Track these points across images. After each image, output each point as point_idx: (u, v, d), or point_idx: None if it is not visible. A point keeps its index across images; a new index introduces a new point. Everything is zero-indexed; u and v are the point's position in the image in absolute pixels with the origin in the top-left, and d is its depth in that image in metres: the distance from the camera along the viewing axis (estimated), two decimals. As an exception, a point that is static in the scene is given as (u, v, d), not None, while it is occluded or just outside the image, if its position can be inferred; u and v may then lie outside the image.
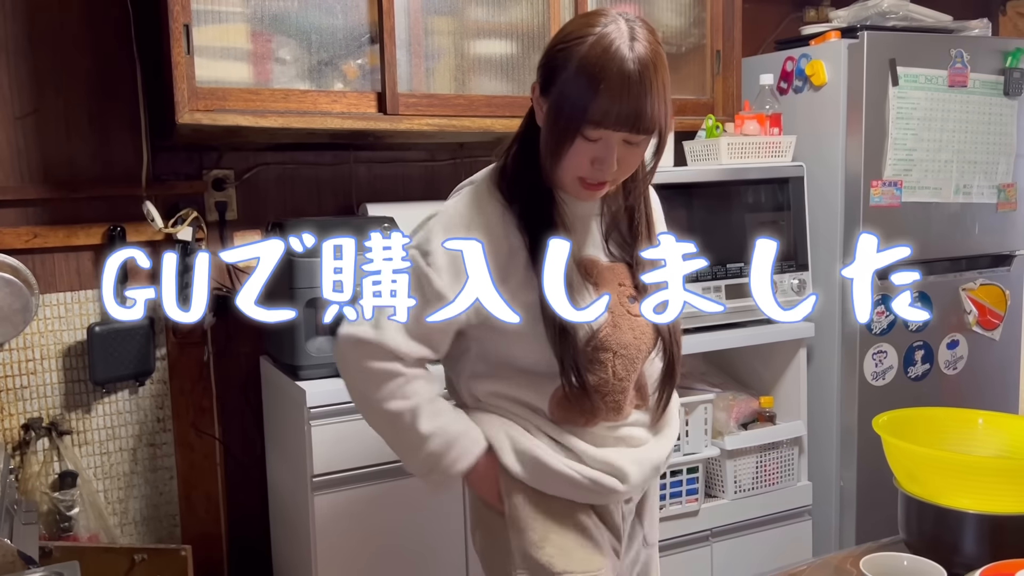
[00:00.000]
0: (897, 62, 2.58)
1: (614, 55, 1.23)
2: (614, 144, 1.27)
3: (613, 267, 1.42)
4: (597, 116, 1.24)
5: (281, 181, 2.58)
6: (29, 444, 2.31)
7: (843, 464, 2.71)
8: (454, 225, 1.35)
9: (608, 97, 1.23)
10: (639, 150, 1.31)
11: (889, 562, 1.20)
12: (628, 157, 1.31)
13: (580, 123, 1.25)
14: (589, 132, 1.26)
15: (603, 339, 1.36)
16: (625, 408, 1.43)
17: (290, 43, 2.18)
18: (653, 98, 1.24)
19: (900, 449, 1.36)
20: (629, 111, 1.24)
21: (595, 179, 1.31)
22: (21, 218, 2.30)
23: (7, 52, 2.25)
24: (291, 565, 2.39)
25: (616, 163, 1.28)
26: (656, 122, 1.27)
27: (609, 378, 1.38)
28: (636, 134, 1.27)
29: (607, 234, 1.44)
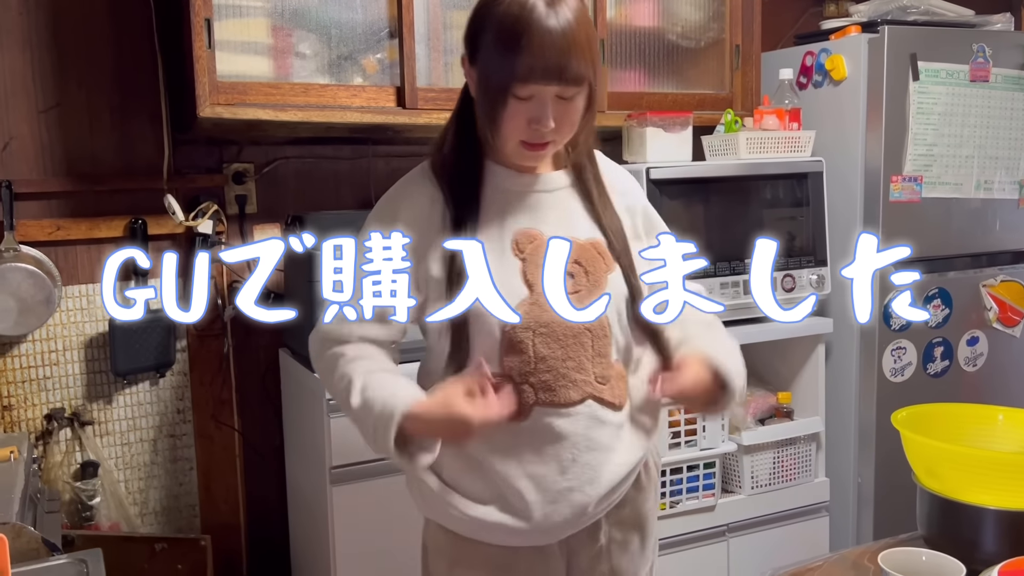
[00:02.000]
0: (918, 57, 2.57)
1: (531, 10, 1.23)
2: (547, 100, 1.26)
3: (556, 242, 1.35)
4: (523, 73, 1.23)
5: (300, 175, 2.60)
6: (52, 434, 2.34)
7: (861, 461, 2.70)
8: (381, 210, 1.40)
9: (531, 52, 1.23)
10: (574, 106, 1.29)
11: (908, 557, 1.20)
12: (564, 113, 1.29)
13: (509, 83, 1.25)
14: (519, 90, 1.25)
15: (521, 315, 1.30)
16: (563, 392, 1.32)
17: (310, 37, 2.19)
18: (576, 49, 1.24)
19: (919, 444, 1.35)
20: (554, 64, 1.23)
21: (535, 139, 1.30)
22: (44, 211, 2.32)
23: (31, 46, 2.27)
24: (309, 556, 2.41)
25: (553, 120, 1.27)
26: (584, 75, 1.26)
27: (530, 358, 1.31)
28: (565, 86, 1.25)
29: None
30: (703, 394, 1.34)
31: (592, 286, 1.33)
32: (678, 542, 2.42)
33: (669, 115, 2.41)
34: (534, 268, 1.31)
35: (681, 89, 2.66)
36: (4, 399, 2.31)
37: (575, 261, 1.33)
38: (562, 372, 1.31)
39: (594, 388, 1.34)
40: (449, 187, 1.37)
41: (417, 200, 1.37)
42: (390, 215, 1.37)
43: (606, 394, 1.35)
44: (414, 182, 1.41)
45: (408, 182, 1.42)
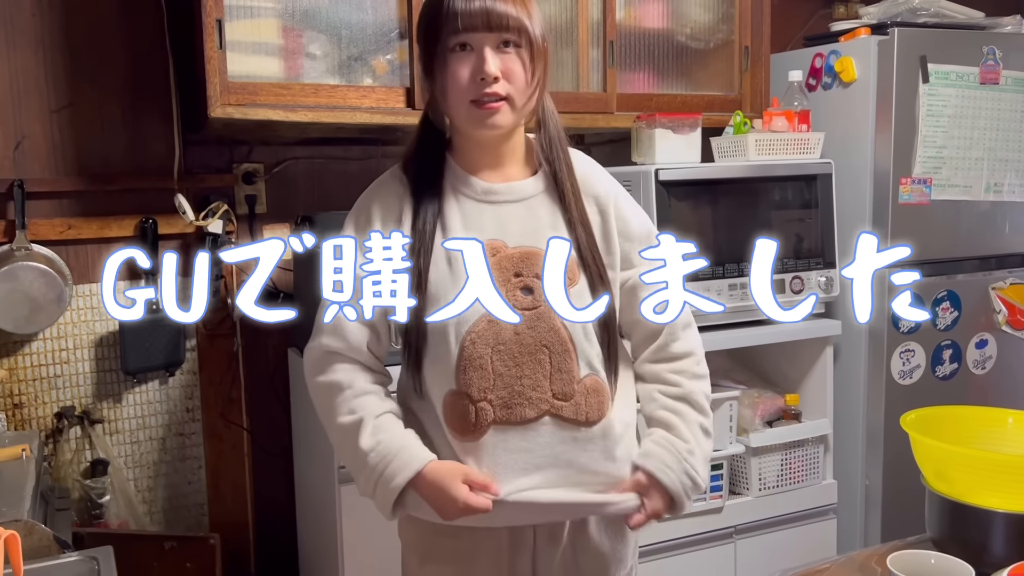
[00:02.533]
0: (928, 59, 2.56)
1: None
2: (484, 50, 1.28)
3: (519, 254, 1.34)
4: (452, 23, 1.27)
5: (310, 175, 2.61)
6: (62, 432, 2.35)
7: (869, 463, 2.69)
8: (355, 213, 1.41)
9: (457, 4, 1.27)
10: (517, 58, 1.30)
11: (917, 560, 1.20)
12: (509, 66, 1.30)
13: (441, 38, 1.28)
14: (451, 40, 1.28)
15: (479, 332, 1.30)
16: (519, 409, 1.31)
17: (320, 38, 2.20)
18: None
19: (928, 447, 1.35)
20: (479, 8, 1.26)
21: (482, 93, 1.29)
22: (56, 210, 2.34)
23: (44, 47, 2.28)
24: (317, 554, 2.42)
25: (496, 68, 1.28)
26: (516, 20, 1.28)
27: (489, 374, 1.30)
28: (499, 32, 1.28)
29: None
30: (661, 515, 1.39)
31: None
32: (685, 544, 2.42)
33: (678, 116, 2.41)
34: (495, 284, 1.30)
35: (690, 91, 2.66)
36: (15, 397, 2.32)
37: (536, 275, 1.32)
38: (517, 390, 1.31)
39: (551, 405, 1.32)
40: (415, 191, 1.37)
41: (387, 200, 1.38)
42: (364, 217, 1.38)
43: (566, 411, 1.33)
44: (384, 183, 1.42)
45: (379, 184, 1.43)
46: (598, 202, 1.41)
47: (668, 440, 1.39)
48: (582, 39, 2.46)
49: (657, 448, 1.38)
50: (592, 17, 2.47)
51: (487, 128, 1.33)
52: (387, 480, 1.31)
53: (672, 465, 1.36)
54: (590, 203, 1.40)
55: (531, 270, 1.32)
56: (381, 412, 1.35)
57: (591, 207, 1.40)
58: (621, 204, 1.44)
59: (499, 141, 1.38)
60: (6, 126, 2.27)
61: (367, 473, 1.33)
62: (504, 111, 1.32)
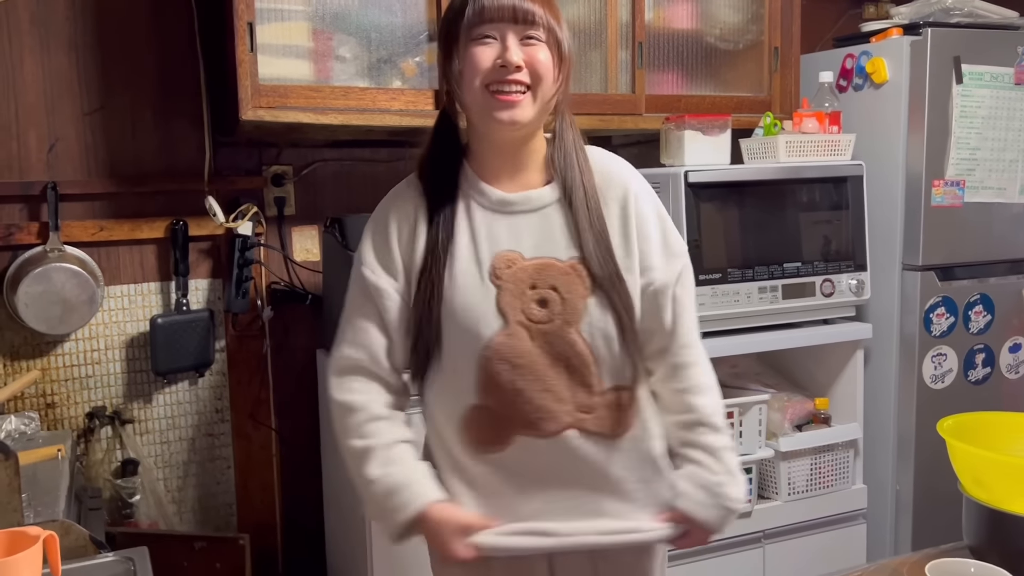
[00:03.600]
0: (962, 59, 2.53)
1: None
2: (509, 41, 1.26)
3: (534, 266, 1.31)
4: (476, 14, 1.26)
5: (338, 177, 2.62)
6: (93, 432, 2.38)
7: (900, 468, 2.67)
8: (374, 223, 1.39)
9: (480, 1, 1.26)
10: (540, 51, 1.28)
11: (956, 568, 1.18)
12: (531, 57, 1.27)
13: (466, 28, 1.27)
14: (476, 31, 1.26)
15: (496, 347, 1.28)
16: (542, 424, 1.30)
17: (350, 41, 2.21)
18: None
19: (967, 454, 1.33)
20: (507, 3, 1.25)
21: (503, 79, 1.26)
22: (88, 212, 2.36)
23: (76, 50, 2.31)
24: (346, 555, 2.42)
25: (519, 58, 1.26)
26: (540, 16, 1.26)
27: (507, 391, 1.29)
28: (523, 25, 1.26)
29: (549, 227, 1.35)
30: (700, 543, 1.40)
31: (568, 315, 1.29)
32: (713, 548, 2.41)
33: (707, 118, 2.39)
34: (510, 297, 1.29)
35: (719, 92, 2.65)
36: (48, 397, 2.35)
37: (551, 287, 1.29)
38: (539, 404, 1.29)
39: (575, 418, 1.30)
40: (431, 200, 1.35)
41: (402, 211, 1.36)
42: (382, 234, 1.37)
43: (590, 424, 1.31)
44: (399, 194, 1.39)
45: (395, 195, 1.40)
46: (620, 202, 1.36)
47: (698, 477, 1.36)
48: (611, 40, 2.46)
49: (689, 487, 1.36)
50: (621, 18, 2.46)
51: (504, 123, 1.28)
52: (391, 514, 1.32)
53: (706, 502, 1.35)
54: (611, 205, 1.36)
55: (547, 282, 1.29)
56: (392, 441, 1.34)
57: (612, 208, 1.36)
58: (642, 204, 1.37)
59: (517, 145, 1.34)
60: (40, 129, 2.29)
61: (371, 502, 1.35)
62: (524, 104, 1.28)
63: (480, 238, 1.32)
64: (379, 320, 1.35)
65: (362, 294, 1.36)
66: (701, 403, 1.38)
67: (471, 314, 1.28)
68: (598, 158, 1.40)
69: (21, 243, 2.26)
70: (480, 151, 1.37)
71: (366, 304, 1.35)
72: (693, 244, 2.29)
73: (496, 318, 1.28)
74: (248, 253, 2.41)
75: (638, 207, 1.36)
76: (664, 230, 1.39)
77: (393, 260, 1.34)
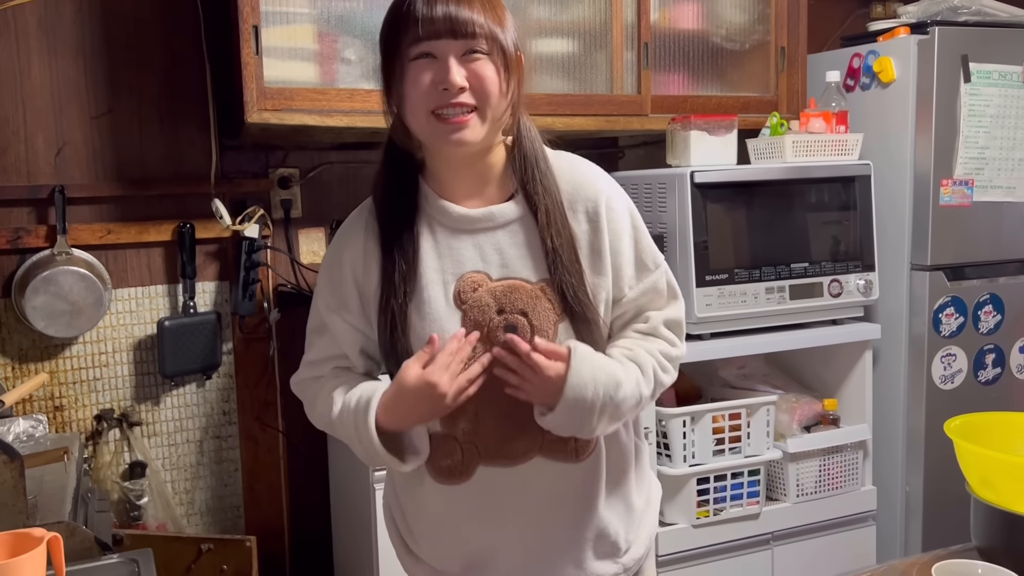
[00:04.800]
0: (969, 58, 2.52)
1: None
2: (448, 59, 1.16)
3: (502, 288, 1.24)
4: (413, 31, 1.15)
5: (344, 180, 2.62)
6: (101, 435, 2.39)
7: (909, 469, 2.65)
8: (328, 258, 1.33)
9: (418, 9, 1.15)
10: (485, 66, 1.18)
11: (963, 570, 1.17)
12: (475, 74, 1.17)
13: (402, 46, 1.17)
14: (413, 50, 1.16)
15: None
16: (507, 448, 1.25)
17: (355, 43, 2.21)
18: (469, 3, 1.16)
19: (974, 454, 1.32)
20: (442, 15, 1.14)
21: (446, 103, 1.17)
22: (96, 215, 2.37)
23: (84, 55, 2.32)
24: (352, 556, 2.43)
25: (462, 79, 1.16)
26: (481, 28, 1.16)
27: (474, 416, 1.24)
28: (463, 39, 1.16)
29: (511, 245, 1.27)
30: (537, 384, 1.19)
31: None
32: (722, 550, 2.40)
33: (714, 118, 2.39)
34: (474, 324, 1.22)
35: (726, 92, 2.64)
36: (56, 400, 2.36)
37: (520, 311, 1.22)
38: (504, 432, 1.25)
39: (541, 447, 1.25)
40: (385, 225, 1.26)
41: (355, 245, 1.28)
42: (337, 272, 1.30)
43: (556, 448, 1.26)
44: (352, 226, 1.31)
45: (347, 227, 1.32)
46: (590, 214, 1.27)
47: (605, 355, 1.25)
48: (616, 41, 2.45)
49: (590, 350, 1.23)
50: (626, 19, 2.46)
51: (453, 145, 1.20)
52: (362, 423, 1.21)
53: (593, 362, 1.21)
54: (580, 217, 1.27)
55: (514, 305, 1.22)
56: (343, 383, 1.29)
57: (581, 221, 1.27)
58: (615, 216, 1.28)
59: (473, 160, 1.25)
60: (48, 133, 2.31)
61: (347, 433, 1.25)
62: (473, 124, 1.19)
63: (444, 259, 1.25)
64: (338, 349, 1.31)
65: (319, 329, 1.32)
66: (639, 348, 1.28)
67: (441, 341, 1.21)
68: (566, 166, 1.30)
69: (29, 246, 2.28)
70: (436, 168, 1.28)
71: (323, 335, 1.32)
72: (700, 245, 2.29)
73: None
74: (255, 256, 2.41)
75: (610, 220, 1.27)
76: (638, 244, 1.31)
77: (346, 294, 1.28)
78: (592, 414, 1.19)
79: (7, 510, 1.36)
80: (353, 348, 1.31)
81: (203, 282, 2.47)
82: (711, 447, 2.34)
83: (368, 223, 1.29)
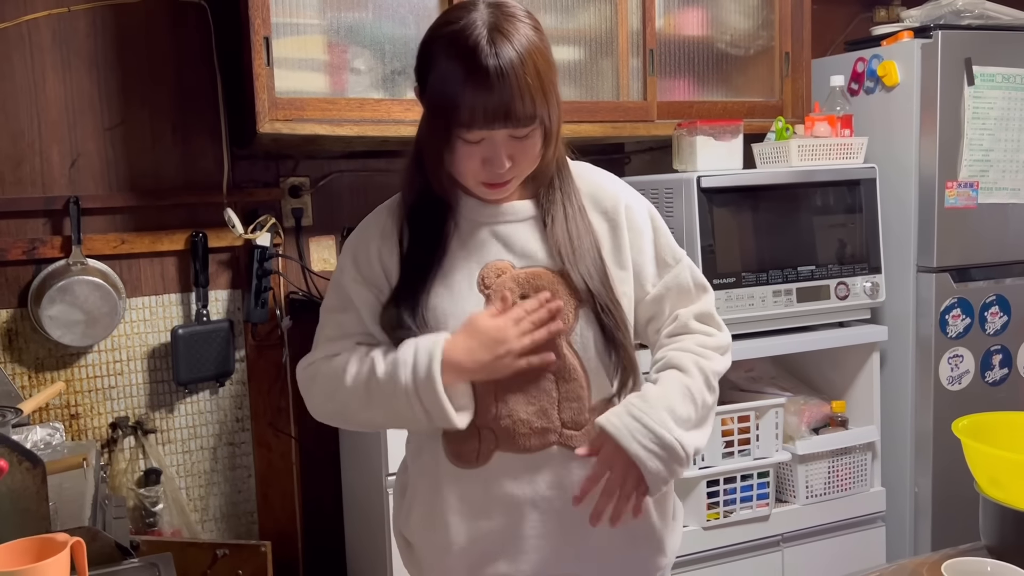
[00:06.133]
0: (973, 61, 2.54)
1: (471, 51, 1.14)
2: (499, 142, 1.19)
3: (525, 275, 1.27)
4: (466, 119, 1.15)
5: (354, 188, 2.65)
6: (116, 442, 2.41)
7: (918, 470, 2.66)
8: (356, 239, 1.34)
9: (472, 96, 1.14)
10: (530, 142, 1.21)
11: (972, 568, 1.18)
12: (520, 151, 1.21)
13: (452, 128, 1.17)
14: (465, 135, 1.18)
15: None
16: (524, 440, 1.25)
17: (364, 53, 2.24)
18: (522, 89, 1.14)
19: (982, 454, 1.34)
20: (496, 107, 1.14)
21: (492, 179, 1.23)
22: (109, 225, 2.40)
23: (97, 66, 2.35)
24: (366, 562, 2.44)
25: (508, 160, 1.20)
26: (533, 114, 1.17)
27: (492, 402, 1.25)
28: (514, 128, 1.17)
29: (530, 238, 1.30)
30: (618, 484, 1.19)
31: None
32: (731, 552, 2.41)
33: (719, 123, 2.41)
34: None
35: (731, 97, 2.66)
36: (72, 408, 2.38)
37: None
38: (523, 418, 1.25)
39: (560, 435, 1.26)
40: (413, 217, 1.30)
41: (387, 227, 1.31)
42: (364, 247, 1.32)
43: (576, 441, 1.26)
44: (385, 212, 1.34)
45: (380, 212, 1.35)
46: (610, 215, 1.33)
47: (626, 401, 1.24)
48: (622, 48, 2.48)
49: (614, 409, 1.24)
50: (632, 26, 2.48)
51: (490, 197, 1.28)
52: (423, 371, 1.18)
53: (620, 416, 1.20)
54: (599, 219, 1.33)
55: (538, 290, 1.25)
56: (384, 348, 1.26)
57: (601, 223, 1.33)
58: (635, 215, 1.34)
59: None
60: (62, 144, 2.34)
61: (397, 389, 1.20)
62: (510, 186, 1.26)
63: (468, 249, 1.29)
64: (360, 324, 1.31)
65: (342, 306, 1.32)
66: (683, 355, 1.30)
67: (456, 323, 1.23)
68: (586, 174, 1.37)
69: (44, 257, 2.30)
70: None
71: (346, 312, 1.32)
72: (707, 249, 2.30)
73: None
74: (267, 264, 2.44)
75: (630, 219, 1.33)
76: (658, 242, 1.36)
77: (375, 273, 1.30)
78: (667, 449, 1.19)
79: (30, 516, 1.39)
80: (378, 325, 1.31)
81: (216, 290, 2.50)
82: (720, 449, 2.36)
83: (394, 212, 1.33)
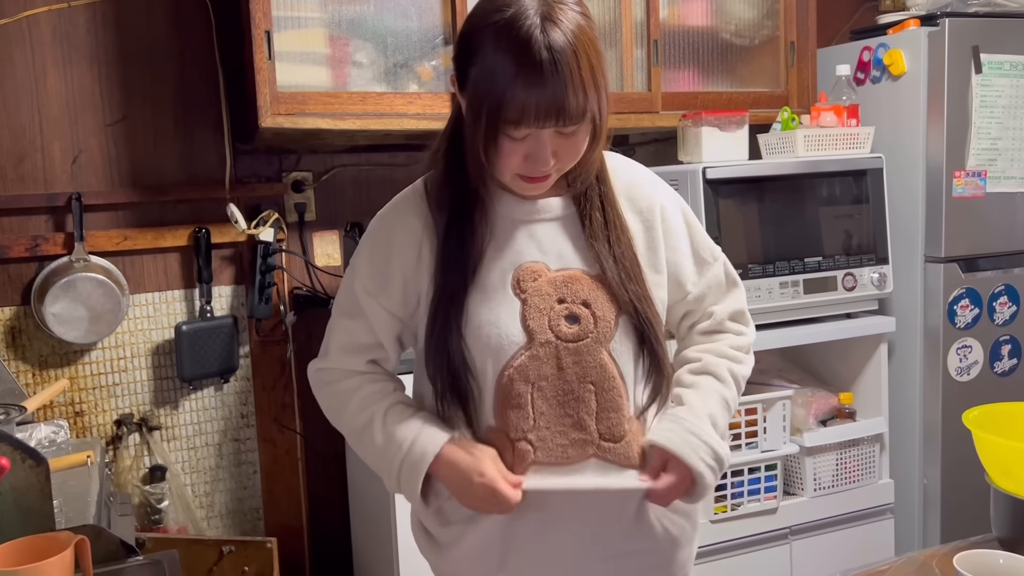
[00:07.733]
0: (980, 49, 2.51)
1: (523, 43, 1.08)
2: (545, 139, 1.14)
3: (562, 278, 1.23)
4: (515, 115, 1.10)
5: (357, 182, 2.64)
6: (121, 439, 2.41)
7: (926, 462, 2.65)
8: (373, 236, 1.30)
9: (523, 92, 1.09)
10: (576, 138, 1.16)
11: (984, 560, 1.17)
12: (565, 147, 1.16)
13: (499, 124, 1.12)
14: (511, 132, 1.12)
15: (517, 367, 1.19)
16: (561, 451, 1.20)
17: (366, 46, 2.22)
18: (575, 85, 1.09)
19: (993, 444, 1.32)
20: (548, 105, 1.09)
21: (533, 173, 1.18)
22: (112, 222, 2.39)
23: (99, 62, 2.34)
24: (372, 557, 2.44)
25: (552, 156, 1.16)
26: (584, 109, 1.12)
27: (529, 413, 1.19)
28: (564, 125, 1.12)
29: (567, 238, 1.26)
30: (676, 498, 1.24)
31: (600, 333, 1.21)
32: (740, 545, 2.40)
33: (725, 114, 2.39)
34: (535, 312, 1.20)
35: (736, 88, 2.64)
36: (76, 405, 2.38)
37: (583, 302, 1.21)
38: (560, 430, 1.20)
39: (598, 447, 1.21)
40: (441, 213, 1.24)
41: (407, 226, 1.27)
42: (384, 244, 1.28)
43: (614, 454, 1.21)
44: (407, 205, 1.29)
45: (401, 205, 1.30)
46: (645, 213, 1.29)
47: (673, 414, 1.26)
48: (626, 39, 2.46)
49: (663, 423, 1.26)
50: (636, 17, 2.46)
51: (527, 192, 1.23)
52: (408, 474, 1.21)
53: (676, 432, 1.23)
54: (635, 216, 1.29)
55: (576, 296, 1.21)
56: (390, 404, 1.26)
57: (636, 221, 1.29)
58: (670, 215, 1.31)
59: None
60: (64, 141, 2.33)
61: (387, 470, 1.24)
62: (549, 181, 1.21)
63: (502, 248, 1.24)
64: (371, 334, 1.28)
65: (353, 312, 1.29)
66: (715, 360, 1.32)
67: (492, 330, 1.20)
68: (621, 168, 1.33)
69: (47, 254, 2.30)
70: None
71: (357, 319, 1.28)
72: (713, 241, 2.28)
73: (520, 334, 1.20)
74: (270, 259, 2.43)
75: (664, 219, 1.30)
76: (694, 240, 1.34)
77: (389, 279, 1.26)
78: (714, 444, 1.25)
79: (34, 514, 1.38)
80: (389, 335, 1.29)
81: (219, 286, 2.49)
82: (727, 442, 2.34)
83: (419, 209, 1.27)
